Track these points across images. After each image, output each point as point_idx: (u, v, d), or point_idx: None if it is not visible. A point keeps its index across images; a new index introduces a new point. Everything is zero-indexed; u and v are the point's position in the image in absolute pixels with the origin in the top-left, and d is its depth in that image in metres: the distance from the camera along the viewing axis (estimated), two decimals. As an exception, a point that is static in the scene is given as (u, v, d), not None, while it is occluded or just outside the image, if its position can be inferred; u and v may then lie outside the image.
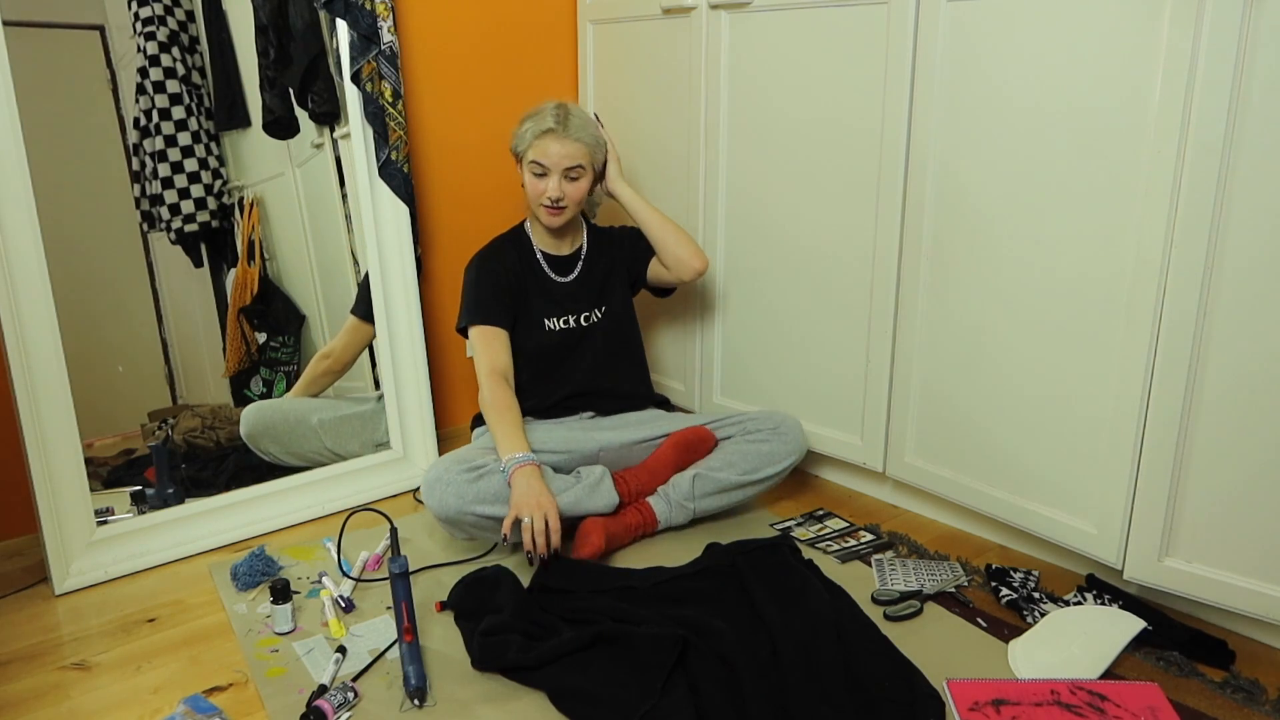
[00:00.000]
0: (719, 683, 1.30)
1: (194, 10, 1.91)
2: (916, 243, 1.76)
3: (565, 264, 1.98)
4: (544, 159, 1.83)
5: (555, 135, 1.82)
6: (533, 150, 1.84)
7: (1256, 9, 1.26)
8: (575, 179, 1.86)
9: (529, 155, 1.85)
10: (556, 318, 1.95)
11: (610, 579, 1.61)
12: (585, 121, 1.87)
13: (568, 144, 1.82)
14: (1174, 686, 1.35)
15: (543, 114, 1.85)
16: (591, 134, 1.87)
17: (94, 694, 1.38)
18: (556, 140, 1.82)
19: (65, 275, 1.67)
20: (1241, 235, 1.32)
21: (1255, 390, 1.35)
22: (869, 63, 1.76)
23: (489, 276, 1.92)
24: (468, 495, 1.63)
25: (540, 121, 1.83)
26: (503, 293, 1.90)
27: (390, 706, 1.31)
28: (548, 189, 1.84)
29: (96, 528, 1.72)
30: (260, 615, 1.56)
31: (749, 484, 1.85)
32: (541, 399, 1.95)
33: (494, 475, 1.67)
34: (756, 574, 1.57)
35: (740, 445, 1.87)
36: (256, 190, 2.01)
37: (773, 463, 1.86)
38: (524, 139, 1.85)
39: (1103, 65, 1.44)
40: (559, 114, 1.84)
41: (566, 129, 1.83)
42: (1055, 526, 1.63)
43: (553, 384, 1.96)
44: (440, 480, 1.64)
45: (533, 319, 1.94)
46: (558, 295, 1.96)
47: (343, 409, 2.09)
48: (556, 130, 1.82)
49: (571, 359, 1.97)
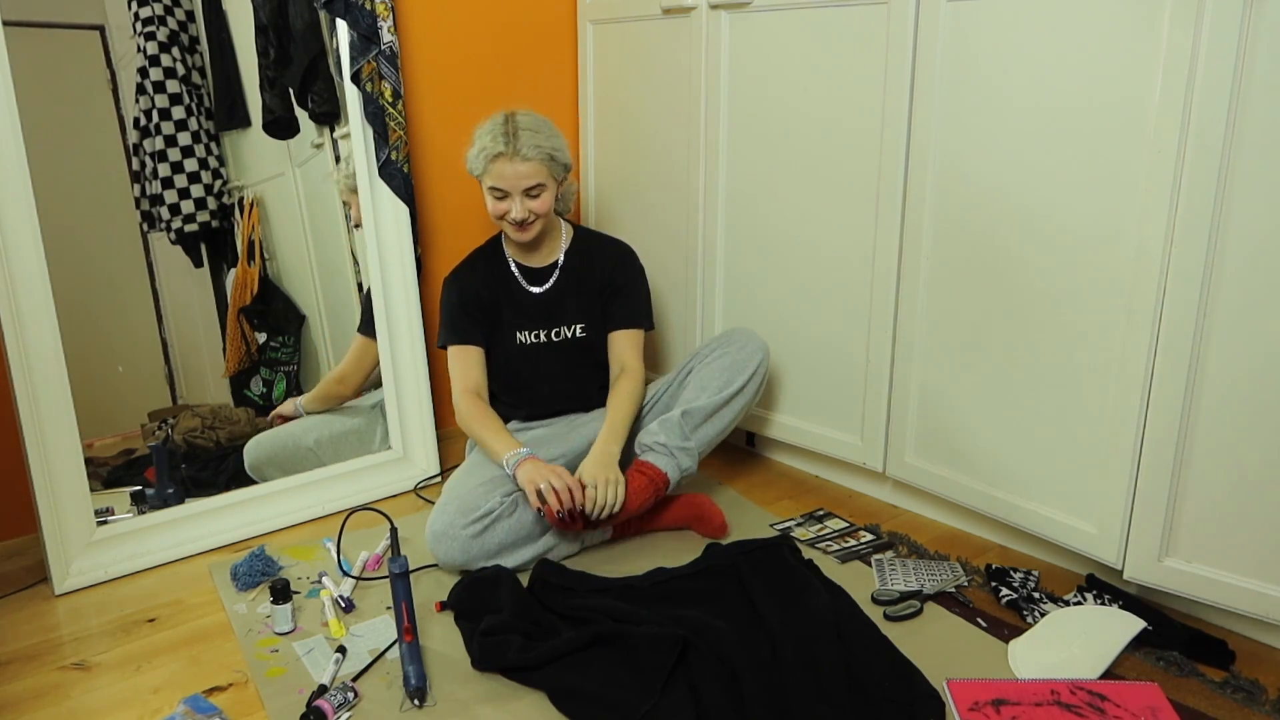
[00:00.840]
0: (719, 682, 1.30)
1: (194, 10, 1.91)
2: (916, 242, 1.76)
3: (540, 275, 1.93)
4: (500, 183, 1.76)
5: (505, 158, 1.74)
6: (487, 176, 1.77)
7: (1256, 9, 1.26)
8: (537, 195, 1.78)
9: (484, 180, 1.79)
10: (528, 330, 1.91)
11: (610, 579, 1.61)
12: (536, 133, 1.76)
13: (520, 164, 1.74)
14: (1174, 686, 1.35)
15: (490, 134, 1.76)
16: (546, 145, 1.76)
17: (94, 694, 1.38)
18: (508, 163, 1.74)
19: (65, 275, 1.67)
20: (1242, 235, 1.32)
21: (1255, 390, 1.35)
22: (869, 63, 1.76)
23: (459, 294, 1.90)
24: (473, 550, 1.62)
25: (489, 143, 1.75)
26: (473, 309, 1.89)
27: (390, 706, 1.31)
28: (510, 210, 1.77)
29: (96, 528, 1.72)
30: (260, 615, 1.56)
31: (731, 397, 1.83)
32: (511, 409, 1.94)
33: (502, 521, 1.64)
34: (757, 574, 1.57)
35: (704, 369, 1.86)
36: (256, 190, 2.01)
37: (742, 370, 1.84)
38: (476, 163, 1.78)
39: (1103, 65, 1.44)
40: (507, 132, 1.75)
41: (516, 149, 1.73)
42: (1055, 526, 1.63)
43: (521, 395, 1.94)
44: (445, 535, 1.62)
45: (504, 331, 1.91)
46: (529, 308, 1.91)
47: (337, 425, 2.09)
48: (506, 153, 1.73)
49: (540, 372, 1.93)
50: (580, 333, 1.93)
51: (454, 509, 1.64)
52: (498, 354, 1.91)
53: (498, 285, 1.91)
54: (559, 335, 1.92)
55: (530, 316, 1.91)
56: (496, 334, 1.91)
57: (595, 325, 1.94)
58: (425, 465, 2.12)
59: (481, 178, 1.80)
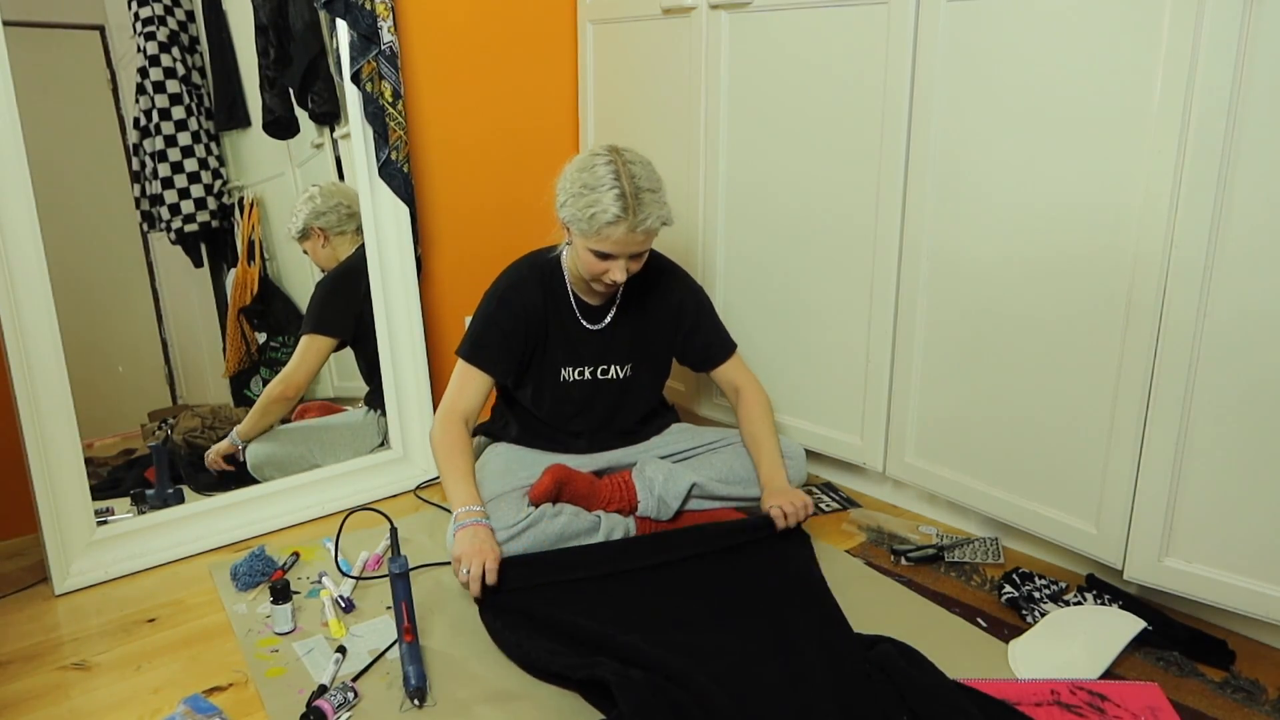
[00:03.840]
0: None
1: (194, 10, 1.91)
2: (917, 242, 1.76)
3: (599, 312, 1.80)
4: (609, 249, 1.59)
5: (625, 225, 1.56)
6: (594, 239, 1.58)
7: (1256, 9, 1.26)
8: (639, 257, 1.64)
9: (590, 243, 1.59)
10: (573, 367, 1.79)
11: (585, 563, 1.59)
12: (654, 195, 1.59)
13: (638, 235, 1.57)
14: (1174, 686, 1.35)
15: (606, 190, 1.55)
16: (663, 212, 1.60)
17: (94, 694, 1.38)
18: (628, 232, 1.56)
19: (65, 275, 1.67)
20: (1241, 235, 1.32)
21: (1255, 390, 1.35)
22: (869, 63, 1.76)
23: (509, 321, 1.73)
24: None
25: (606, 205, 1.55)
26: (514, 340, 1.73)
27: (390, 707, 1.31)
28: (610, 272, 1.61)
29: (96, 528, 1.72)
30: (260, 615, 1.55)
31: (741, 499, 1.81)
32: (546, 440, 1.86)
33: (528, 532, 1.61)
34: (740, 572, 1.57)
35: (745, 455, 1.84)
36: (256, 190, 2.01)
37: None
38: (584, 222, 1.57)
39: (1102, 64, 1.44)
40: (624, 193, 1.55)
41: (639, 221, 1.56)
42: (1055, 526, 1.63)
43: (551, 429, 1.86)
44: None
45: (547, 366, 1.79)
46: (581, 345, 1.79)
47: (335, 423, 2.09)
48: (626, 219, 1.55)
49: (578, 410, 1.84)
50: (628, 373, 1.84)
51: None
52: (536, 385, 1.81)
53: (552, 317, 1.76)
54: (605, 374, 1.82)
55: (580, 354, 1.80)
56: (538, 366, 1.79)
57: (642, 366, 1.86)
58: (425, 465, 2.12)
59: (584, 236, 1.60)
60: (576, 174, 1.62)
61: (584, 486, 1.73)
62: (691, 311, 1.86)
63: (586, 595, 1.53)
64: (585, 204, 1.57)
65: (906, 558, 1.72)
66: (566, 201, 1.62)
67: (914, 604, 1.58)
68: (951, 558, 1.73)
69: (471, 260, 2.39)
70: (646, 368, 1.87)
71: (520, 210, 2.46)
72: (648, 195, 1.58)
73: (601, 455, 1.88)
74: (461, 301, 2.40)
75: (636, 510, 1.77)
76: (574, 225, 1.61)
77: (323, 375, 2.14)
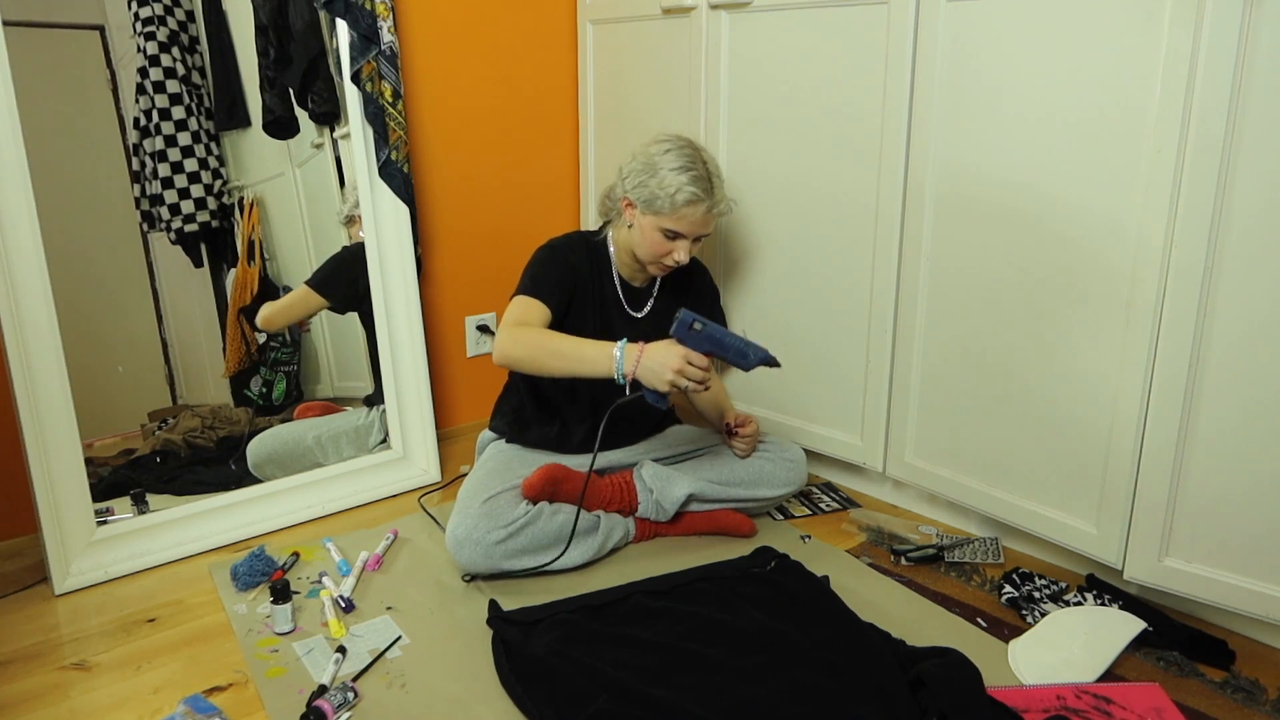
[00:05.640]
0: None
1: (194, 10, 1.91)
2: (917, 242, 1.76)
3: (640, 298, 1.84)
4: (683, 228, 1.66)
5: (704, 207, 1.64)
6: (669, 217, 1.64)
7: (1256, 9, 1.26)
8: (701, 239, 1.71)
9: (664, 222, 1.65)
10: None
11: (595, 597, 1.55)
12: (723, 184, 1.71)
13: (712, 216, 1.67)
14: (1174, 686, 1.35)
15: (687, 172, 1.63)
16: (728, 199, 1.71)
17: (94, 694, 1.38)
18: (705, 213, 1.65)
19: (65, 275, 1.67)
20: (1241, 235, 1.32)
21: (1255, 390, 1.35)
22: (869, 63, 1.76)
23: (558, 264, 1.74)
24: (496, 555, 1.58)
25: (687, 186, 1.62)
26: (564, 283, 1.73)
27: (390, 707, 1.31)
28: (676, 253, 1.68)
29: (96, 528, 1.72)
30: (260, 615, 1.55)
31: (740, 499, 1.82)
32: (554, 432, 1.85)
33: (527, 529, 1.60)
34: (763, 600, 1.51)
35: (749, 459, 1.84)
36: (256, 190, 2.01)
37: (771, 485, 1.83)
38: (665, 200, 1.63)
39: (1103, 64, 1.44)
40: (702, 176, 1.64)
41: (715, 203, 1.66)
42: (1055, 526, 1.63)
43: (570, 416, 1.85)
44: (470, 541, 1.58)
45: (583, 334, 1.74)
46: (615, 326, 1.80)
47: (337, 423, 2.09)
48: (704, 200, 1.64)
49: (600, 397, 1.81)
50: None
51: (478, 514, 1.61)
52: None
53: (594, 286, 1.79)
54: None
55: (614, 331, 1.79)
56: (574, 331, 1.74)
57: None
58: (425, 465, 2.12)
59: (657, 214, 1.66)
60: (657, 156, 1.66)
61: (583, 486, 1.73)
62: (708, 306, 1.93)
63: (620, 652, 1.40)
64: (666, 182, 1.63)
65: (906, 558, 1.72)
66: (643, 180, 1.66)
67: (914, 604, 1.58)
68: (951, 558, 1.73)
69: (471, 260, 2.39)
70: None
71: (521, 210, 2.46)
72: (718, 182, 1.69)
73: (600, 455, 1.88)
74: (462, 301, 2.40)
75: (636, 511, 1.77)
76: (650, 203, 1.66)
77: (323, 375, 2.14)
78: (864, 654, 1.35)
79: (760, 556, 1.67)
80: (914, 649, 1.38)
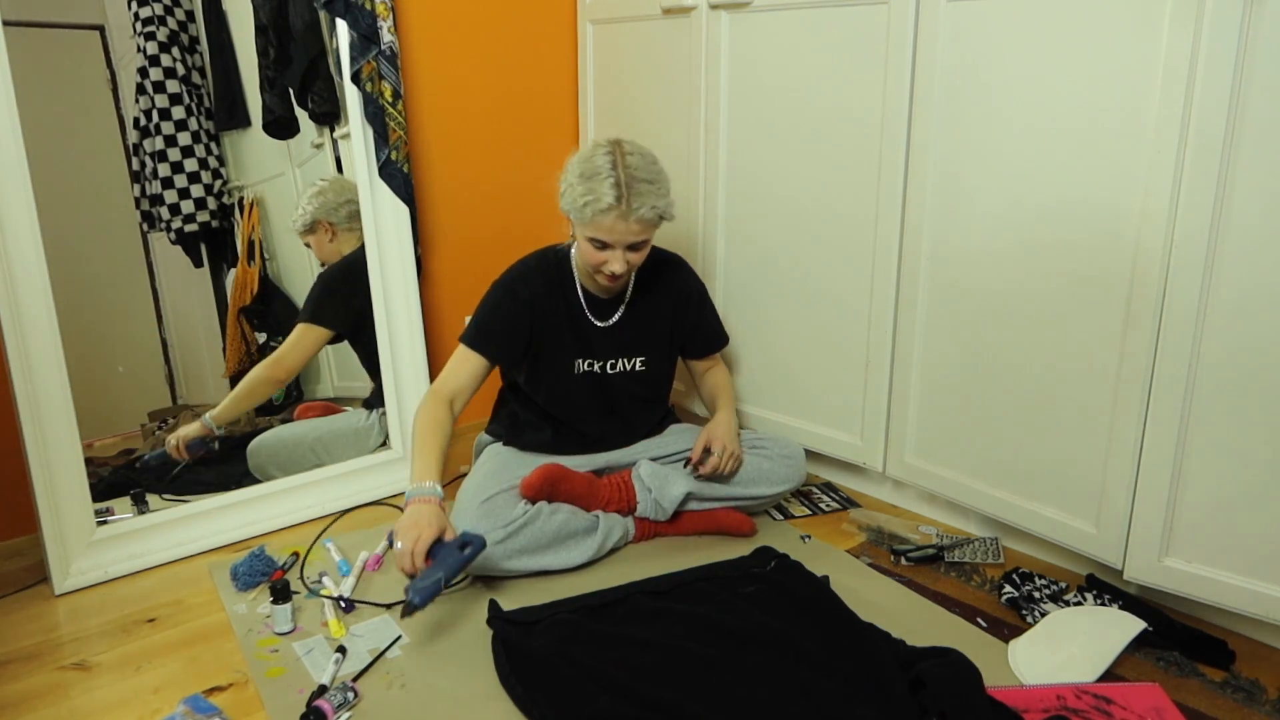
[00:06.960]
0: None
1: (194, 10, 1.91)
2: (916, 242, 1.76)
3: (607, 308, 1.81)
4: (604, 236, 1.61)
5: (618, 215, 1.58)
6: (589, 227, 1.61)
7: (1256, 9, 1.26)
8: (638, 248, 1.66)
9: (585, 230, 1.63)
10: (583, 359, 1.80)
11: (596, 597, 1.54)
12: (651, 186, 1.61)
13: (632, 224, 1.60)
14: (1174, 686, 1.35)
15: (600, 180, 1.59)
16: (660, 204, 1.62)
17: (94, 694, 1.38)
18: (620, 221, 1.59)
19: (65, 275, 1.67)
20: (1241, 235, 1.32)
21: (1255, 390, 1.35)
22: (869, 63, 1.76)
23: (506, 307, 1.74)
24: (495, 554, 1.58)
25: (600, 193, 1.58)
26: (514, 327, 1.74)
27: (390, 707, 1.31)
28: (609, 263, 1.63)
29: (96, 528, 1.72)
30: (260, 615, 1.55)
31: (739, 499, 1.82)
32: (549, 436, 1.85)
33: (526, 529, 1.61)
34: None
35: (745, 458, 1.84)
36: (256, 190, 2.01)
37: (770, 482, 1.84)
38: (579, 211, 1.61)
39: (1103, 64, 1.44)
40: (619, 183, 1.58)
41: (630, 209, 1.58)
42: (1055, 526, 1.63)
43: (564, 425, 1.85)
44: None
45: (559, 358, 1.79)
46: (592, 340, 1.80)
47: (337, 425, 2.09)
48: (619, 210, 1.58)
49: (590, 403, 1.84)
50: (639, 366, 1.85)
51: (477, 515, 1.62)
52: (548, 380, 1.81)
53: (559, 309, 1.77)
54: (614, 368, 1.83)
55: (590, 348, 1.80)
56: (549, 359, 1.79)
57: (655, 359, 1.87)
58: (425, 465, 2.12)
59: (579, 225, 1.64)
60: (576, 164, 1.66)
61: (582, 486, 1.73)
62: (695, 303, 1.90)
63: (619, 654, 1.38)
64: (581, 192, 1.61)
65: (906, 558, 1.72)
66: (565, 191, 1.66)
67: (914, 604, 1.58)
68: (951, 558, 1.73)
69: (471, 261, 2.39)
70: (655, 360, 1.88)
71: (520, 210, 2.46)
72: (644, 186, 1.60)
73: (600, 455, 1.87)
74: (461, 301, 2.40)
75: (635, 511, 1.77)
76: (572, 214, 1.65)
77: (323, 375, 2.14)
78: (864, 654, 1.35)
79: (760, 556, 1.67)
80: (914, 649, 1.37)
